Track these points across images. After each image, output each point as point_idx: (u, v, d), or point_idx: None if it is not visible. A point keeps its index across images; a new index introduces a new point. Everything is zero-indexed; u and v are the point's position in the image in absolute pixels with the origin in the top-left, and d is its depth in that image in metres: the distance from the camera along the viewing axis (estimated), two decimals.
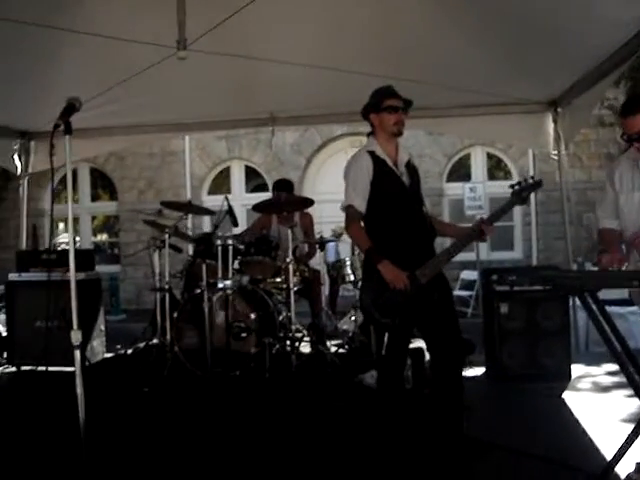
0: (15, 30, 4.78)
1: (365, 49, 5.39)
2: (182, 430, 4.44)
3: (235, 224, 6.00)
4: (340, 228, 9.00)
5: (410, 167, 4.01)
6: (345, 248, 9.54)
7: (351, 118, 7.53)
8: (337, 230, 7.63)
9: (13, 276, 6.92)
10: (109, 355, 6.93)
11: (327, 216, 9.82)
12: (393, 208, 3.84)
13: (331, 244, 6.97)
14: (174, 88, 6.20)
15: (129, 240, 14.22)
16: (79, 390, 3.31)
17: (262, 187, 14.55)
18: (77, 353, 3.38)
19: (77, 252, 7.75)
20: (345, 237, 8.56)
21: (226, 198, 5.94)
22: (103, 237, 16.66)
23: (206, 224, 13.18)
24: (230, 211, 5.88)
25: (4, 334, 7.19)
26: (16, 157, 8.03)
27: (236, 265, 5.83)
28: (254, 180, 14.92)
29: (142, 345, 6.52)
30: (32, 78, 5.90)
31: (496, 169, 14.60)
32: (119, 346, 7.13)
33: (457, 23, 4.99)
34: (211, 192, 14.56)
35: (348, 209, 3.87)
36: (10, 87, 6.07)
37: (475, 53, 5.37)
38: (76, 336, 3.38)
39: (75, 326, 3.42)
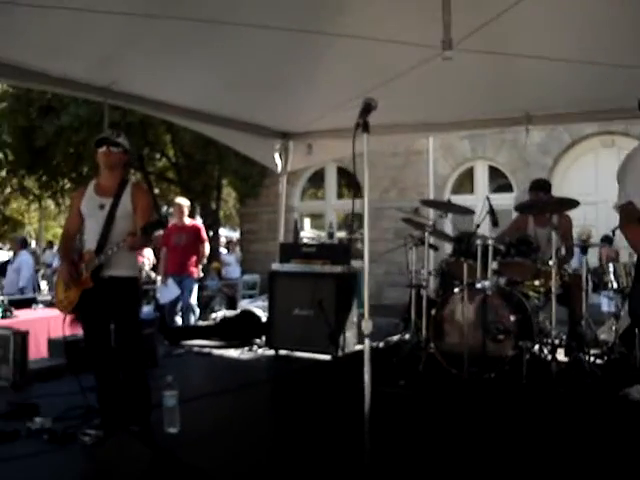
0: (279, 37, 5.07)
1: (631, 42, 5.04)
2: (442, 427, 4.46)
3: (495, 224, 5.92)
4: (588, 232, 8.53)
5: None
6: (591, 254, 9.03)
7: (608, 116, 7.12)
8: (583, 234, 7.24)
9: (276, 266, 7.36)
10: (360, 347, 7.14)
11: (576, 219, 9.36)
12: None
13: (577, 249, 6.66)
14: (428, 88, 6.22)
15: (372, 237, 14.55)
16: (367, 377, 3.39)
17: (506, 187, 14.23)
18: (367, 341, 3.47)
19: (335, 246, 8.15)
20: (592, 241, 8.09)
21: (487, 198, 5.89)
22: (342, 234, 17.27)
23: (448, 223, 13.16)
24: (491, 211, 5.82)
25: (264, 319, 7.72)
26: (277, 156, 8.52)
27: (494, 266, 5.75)
28: (497, 180, 14.64)
29: (394, 339, 6.66)
30: (293, 82, 6.23)
31: None
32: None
33: None
34: (454, 192, 14.51)
35: (626, 206, 3.63)
36: (273, 91, 6.45)
37: None
38: (366, 324, 3.46)
39: (366, 315, 3.50)
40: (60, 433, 4.53)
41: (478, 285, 5.53)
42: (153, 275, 11.55)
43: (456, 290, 5.72)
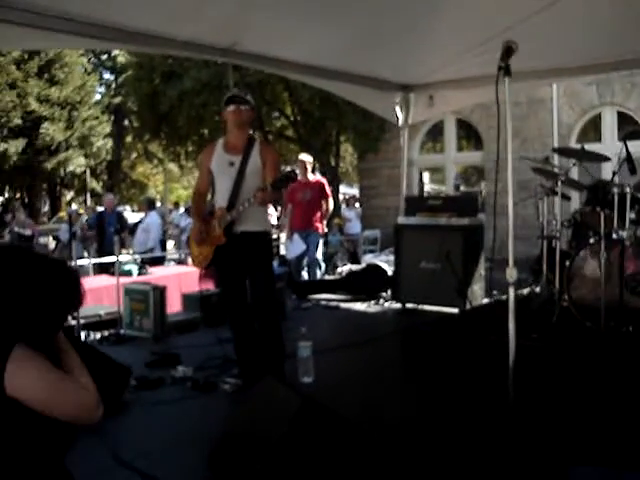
0: None
1: None
2: (582, 380, 4.33)
3: (634, 171, 5.61)
4: None
5: None
6: None
7: None
8: None
9: (401, 219, 7.35)
10: (487, 300, 7.06)
11: None
12: None
13: None
14: (553, 32, 5.90)
15: (493, 190, 14.25)
16: (511, 326, 3.35)
17: (636, 134, 13.50)
18: (511, 290, 3.39)
19: (462, 199, 8.04)
20: None
21: (625, 143, 5.58)
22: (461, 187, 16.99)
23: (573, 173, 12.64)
24: (629, 157, 5.52)
25: (390, 273, 7.76)
26: (397, 109, 8.41)
27: (632, 215, 5.47)
28: (627, 127, 13.89)
29: (523, 292, 6.52)
30: (412, 32, 6.07)
31: None
32: (495, 292, 7.20)
33: None
34: (579, 140, 13.90)
35: None
36: (393, 42, 6.34)
37: None
38: (511, 272, 3.39)
39: (511, 263, 3.42)
40: (202, 381, 4.78)
41: (615, 235, 5.29)
42: (276, 231, 11.80)
43: (591, 241, 5.51)
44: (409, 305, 7.18)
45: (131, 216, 22.81)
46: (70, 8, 4.81)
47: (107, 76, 35.62)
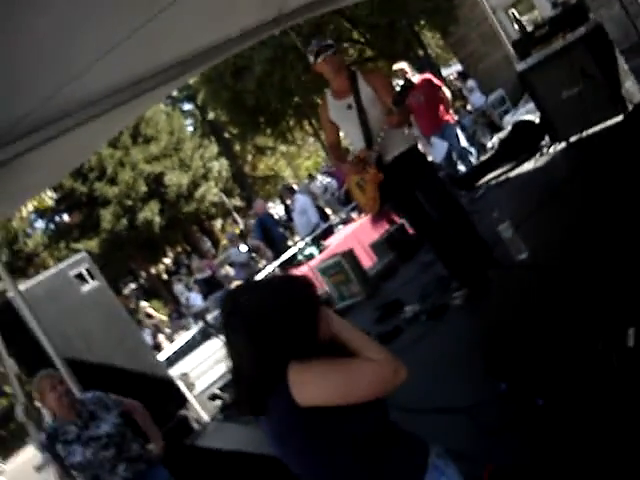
0: None
1: None
2: None
3: None
4: None
5: None
6: None
7: None
8: None
9: (520, 65, 6.92)
10: None
11: None
12: None
13: None
14: None
15: None
16: None
17: None
18: None
19: (564, 13, 7.48)
20: None
21: None
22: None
23: None
24: None
25: (538, 121, 7.45)
26: None
27: None
28: None
29: None
30: None
31: None
32: None
33: None
34: None
35: None
36: None
37: None
38: None
39: None
40: (433, 308, 4.86)
41: None
42: None
43: None
44: (573, 139, 6.83)
45: (278, 209, 23.32)
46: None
47: (188, 107, 36.75)
